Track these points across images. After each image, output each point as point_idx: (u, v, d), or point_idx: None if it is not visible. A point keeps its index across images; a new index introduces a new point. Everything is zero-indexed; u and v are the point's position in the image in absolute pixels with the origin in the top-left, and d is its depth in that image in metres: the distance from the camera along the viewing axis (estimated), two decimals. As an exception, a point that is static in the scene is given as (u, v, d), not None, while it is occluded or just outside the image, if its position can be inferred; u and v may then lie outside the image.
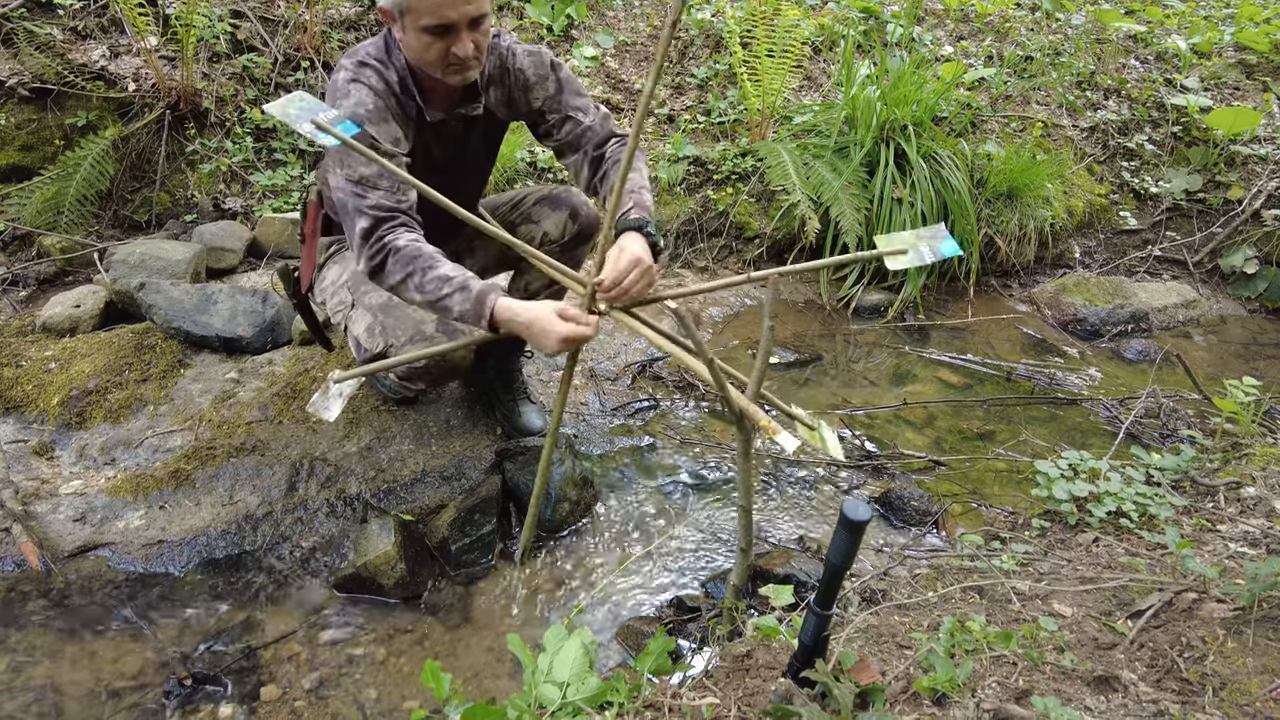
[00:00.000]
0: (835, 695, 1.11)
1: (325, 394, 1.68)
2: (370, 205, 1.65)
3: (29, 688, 1.62)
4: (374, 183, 1.66)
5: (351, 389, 1.71)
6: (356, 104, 1.67)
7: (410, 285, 1.63)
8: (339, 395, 1.68)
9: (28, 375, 2.29)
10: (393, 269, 1.64)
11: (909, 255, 1.59)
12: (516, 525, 2.15)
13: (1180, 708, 1.28)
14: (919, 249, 1.59)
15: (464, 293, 1.60)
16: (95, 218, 3.07)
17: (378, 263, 1.65)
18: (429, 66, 1.68)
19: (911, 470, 2.50)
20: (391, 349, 1.80)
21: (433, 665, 1.12)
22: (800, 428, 1.58)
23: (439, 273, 1.62)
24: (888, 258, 1.60)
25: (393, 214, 1.67)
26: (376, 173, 1.65)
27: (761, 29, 3.50)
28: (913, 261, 1.58)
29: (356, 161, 1.64)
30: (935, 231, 1.61)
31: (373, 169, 1.65)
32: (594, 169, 1.93)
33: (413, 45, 1.65)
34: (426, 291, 1.62)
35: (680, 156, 3.64)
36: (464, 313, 1.60)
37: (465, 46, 1.63)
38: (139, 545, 1.92)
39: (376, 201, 1.65)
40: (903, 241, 1.61)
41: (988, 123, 4.12)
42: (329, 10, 3.66)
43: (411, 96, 1.76)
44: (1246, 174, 4.08)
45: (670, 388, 2.79)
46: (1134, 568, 1.78)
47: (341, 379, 1.69)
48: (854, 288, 3.54)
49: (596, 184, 1.93)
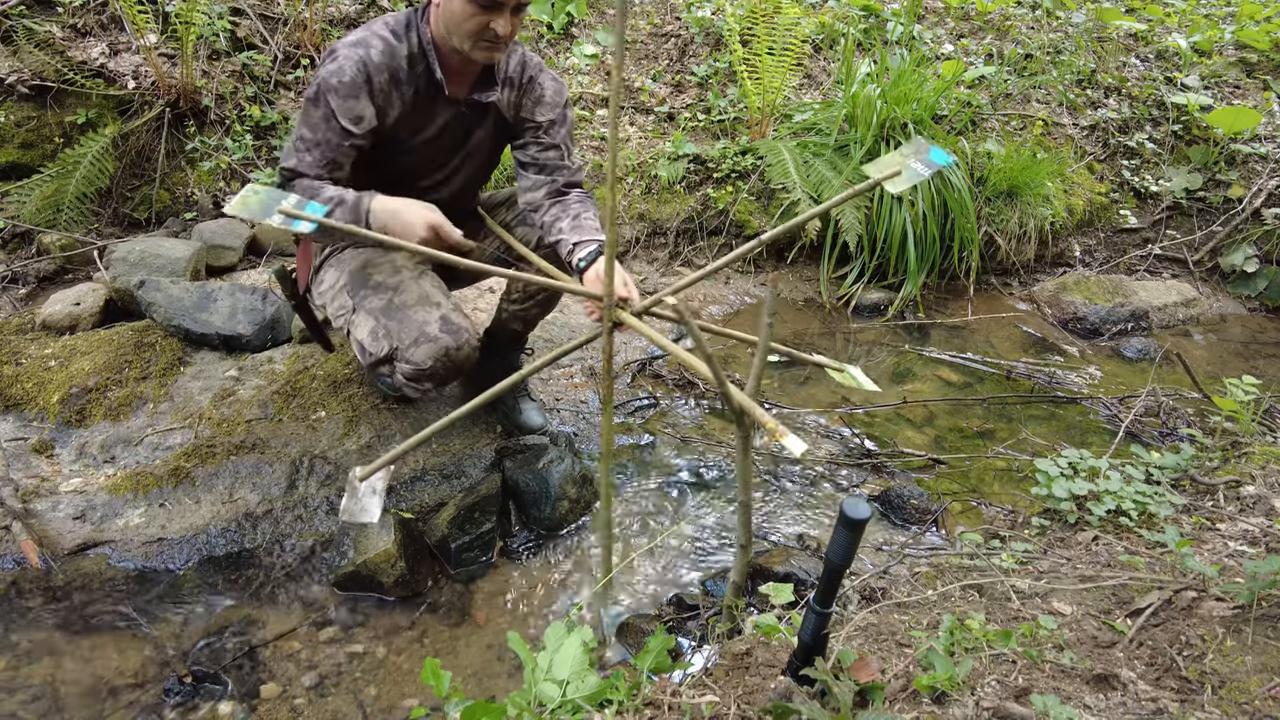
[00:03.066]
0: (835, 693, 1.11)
1: (355, 496, 1.56)
2: (297, 162, 1.74)
3: (29, 685, 1.62)
4: (308, 148, 1.73)
5: (384, 484, 1.61)
6: (333, 71, 1.71)
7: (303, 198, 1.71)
8: (372, 492, 1.59)
9: (27, 373, 2.29)
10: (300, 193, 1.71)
11: (904, 175, 1.57)
12: (516, 523, 2.15)
13: (1179, 706, 1.28)
14: (911, 167, 1.57)
15: (342, 205, 1.68)
16: (95, 215, 3.07)
17: None
18: (461, 38, 1.71)
19: (911, 469, 2.50)
20: (397, 351, 1.79)
21: (433, 663, 1.12)
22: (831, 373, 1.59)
23: (326, 194, 1.70)
24: (887, 182, 1.58)
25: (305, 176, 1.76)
26: (317, 142, 1.73)
27: (762, 27, 3.50)
28: (910, 180, 1.57)
29: (303, 122, 1.73)
30: (918, 146, 1.60)
31: (318, 135, 1.73)
32: (551, 200, 1.98)
33: (453, 12, 1.68)
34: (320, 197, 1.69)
35: (680, 154, 3.64)
36: (347, 220, 1.67)
37: (504, 25, 1.68)
38: (139, 543, 1.92)
39: (308, 162, 1.74)
40: (892, 164, 1.59)
41: (988, 121, 4.11)
42: (329, 8, 3.65)
43: (428, 70, 1.79)
44: (1247, 172, 4.08)
45: (670, 386, 2.79)
46: (1133, 566, 1.78)
47: (365, 475, 1.58)
48: (854, 286, 3.54)
49: (544, 217, 1.98)
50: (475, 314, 2.92)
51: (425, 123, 1.85)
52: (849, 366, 1.61)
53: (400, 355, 1.80)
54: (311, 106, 1.72)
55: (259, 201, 1.47)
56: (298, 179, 1.73)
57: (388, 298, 1.83)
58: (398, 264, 1.89)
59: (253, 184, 1.49)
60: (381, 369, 1.88)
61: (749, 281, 3.61)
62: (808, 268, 3.66)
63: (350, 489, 1.56)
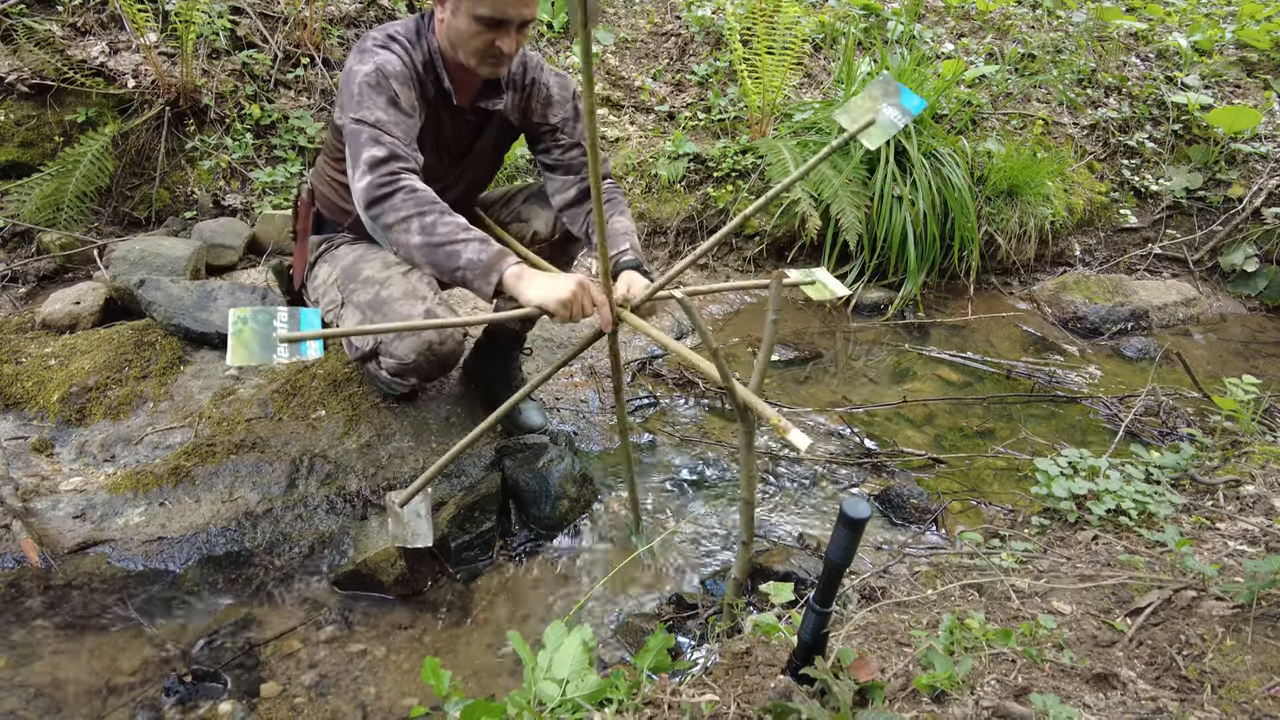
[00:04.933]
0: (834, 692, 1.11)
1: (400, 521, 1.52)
2: (388, 141, 1.63)
3: (29, 684, 1.62)
4: (389, 129, 1.64)
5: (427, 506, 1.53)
6: (386, 61, 1.68)
7: (414, 225, 1.57)
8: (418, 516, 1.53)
9: (27, 372, 2.28)
10: (401, 204, 1.58)
11: (879, 125, 1.49)
12: (516, 523, 2.15)
13: (1179, 705, 1.28)
14: (885, 115, 1.49)
15: (484, 244, 1.56)
16: (95, 214, 3.07)
17: (385, 193, 1.59)
18: (467, 54, 1.70)
19: (911, 468, 2.50)
20: (381, 345, 1.80)
21: (432, 662, 1.12)
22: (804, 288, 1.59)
23: (456, 220, 1.59)
24: (863, 135, 1.52)
25: (406, 158, 1.65)
26: (393, 120, 1.65)
27: (762, 26, 3.50)
28: (886, 131, 1.49)
29: (374, 106, 1.64)
30: (886, 87, 1.51)
31: (390, 115, 1.64)
32: (581, 199, 1.99)
33: (459, 29, 1.67)
34: (435, 234, 1.56)
35: (680, 153, 3.64)
36: (472, 262, 1.55)
37: (509, 43, 1.67)
38: (139, 542, 1.92)
39: (392, 143, 1.63)
40: (863, 110, 1.52)
41: (988, 120, 4.11)
42: (328, 7, 3.65)
43: (437, 79, 1.78)
44: (1247, 172, 4.08)
45: (670, 385, 2.79)
46: (1133, 565, 1.78)
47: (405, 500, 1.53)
48: (854, 285, 3.54)
49: (577, 211, 1.99)
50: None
51: (434, 128, 1.85)
52: (816, 271, 1.60)
53: (383, 349, 1.80)
54: (374, 92, 1.65)
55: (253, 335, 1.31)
56: (405, 171, 1.63)
57: (375, 291, 1.83)
58: (389, 260, 1.89)
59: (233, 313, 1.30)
60: (369, 364, 1.89)
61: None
62: (808, 266, 3.66)
63: (392, 514, 1.56)
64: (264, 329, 1.33)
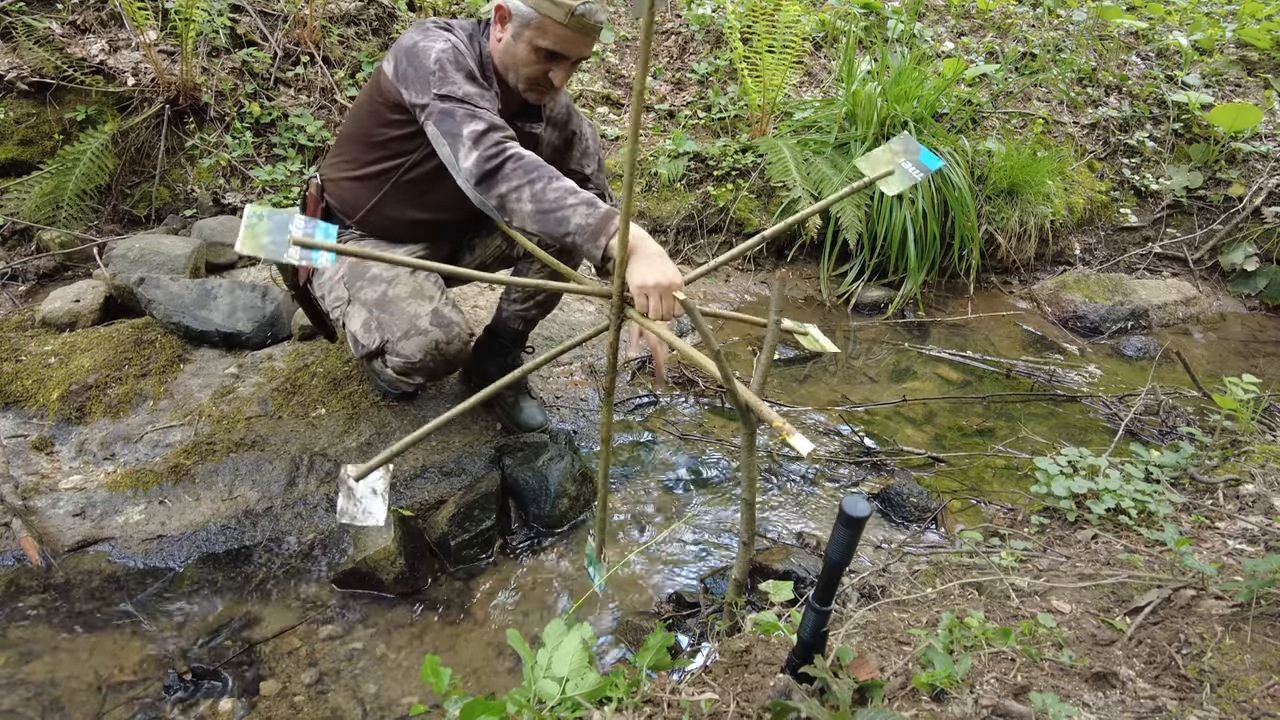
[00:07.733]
0: (834, 691, 1.12)
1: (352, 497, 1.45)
2: (485, 113, 1.63)
3: (29, 682, 1.62)
4: (477, 102, 1.65)
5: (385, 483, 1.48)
6: (457, 41, 1.70)
7: (525, 194, 1.57)
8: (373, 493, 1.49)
9: (27, 370, 2.28)
10: (512, 173, 1.58)
11: (898, 176, 1.56)
12: (516, 521, 2.15)
13: (1178, 704, 1.28)
14: (904, 168, 1.56)
15: (591, 207, 1.53)
16: (94, 212, 3.06)
17: (494, 165, 1.59)
18: (517, 77, 1.74)
19: (911, 467, 2.50)
20: (388, 343, 1.79)
21: (432, 660, 1.12)
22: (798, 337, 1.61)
23: (565, 184, 1.57)
24: (882, 182, 1.57)
25: (504, 126, 1.65)
26: (478, 93, 1.66)
27: (762, 24, 3.50)
28: (903, 182, 1.55)
29: (459, 80, 1.65)
30: (907, 144, 1.58)
31: (475, 89, 1.65)
32: None
33: (516, 54, 1.70)
34: (545, 200, 1.55)
35: (681, 152, 3.63)
36: (581, 227, 1.51)
37: (561, 76, 1.71)
38: (139, 540, 1.92)
39: (488, 114, 1.63)
40: (883, 161, 1.58)
41: (988, 119, 4.11)
42: (329, 5, 3.65)
43: (487, 82, 1.79)
44: (1247, 171, 4.08)
45: (670, 384, 2.79)
46: (1132, 564, 1.78)
47: (361, 475, 1.46)
48: (854, 284, 3.54)
49: None
50: (475, 311, 2.92)
51: None
52: (809, 327, 1.63)
53: (390, 348, 1.80)
54: (454, 68, 1.66)
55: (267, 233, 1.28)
56: (508, 139, 1.63)
57: (382, 290, 1.83)
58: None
59: (251, 208, 1.28)
60: (374, 362, 1.88)
61: (749, 280, 3.61)
62: (808, 265, 3.66)
63: (344, 489, 1.47)
64: (279, 227, 1.30)
